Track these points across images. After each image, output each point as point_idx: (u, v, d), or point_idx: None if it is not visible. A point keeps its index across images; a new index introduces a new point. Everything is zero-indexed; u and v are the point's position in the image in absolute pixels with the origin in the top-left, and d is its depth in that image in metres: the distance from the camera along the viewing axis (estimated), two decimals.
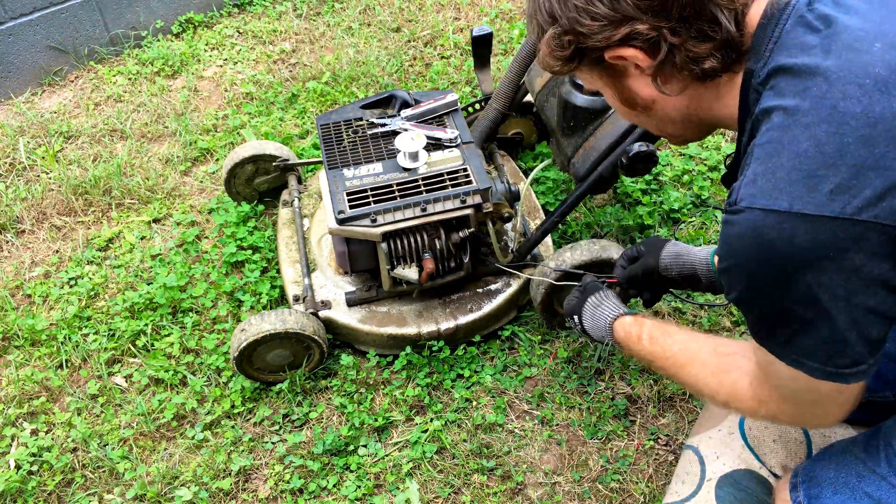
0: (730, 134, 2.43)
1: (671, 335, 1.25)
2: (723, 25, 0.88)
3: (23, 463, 1.67)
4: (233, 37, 2.98)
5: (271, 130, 2.48)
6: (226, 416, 1.76)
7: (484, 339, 1.86)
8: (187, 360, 1.87)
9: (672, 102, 1.00)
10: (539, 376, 1.81)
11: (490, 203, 1.68)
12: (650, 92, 0.99)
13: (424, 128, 1.80)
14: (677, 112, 1.02)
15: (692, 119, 1.04)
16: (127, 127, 2.55)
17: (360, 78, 2.68)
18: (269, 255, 2.09)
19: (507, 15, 3.01)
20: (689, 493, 1.49)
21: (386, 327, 1.78)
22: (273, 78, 2.74)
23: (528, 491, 1.62)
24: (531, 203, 2.05)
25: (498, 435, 1.71)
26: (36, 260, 2.17)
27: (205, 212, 2.27)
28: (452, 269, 1.78)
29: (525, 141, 2.28)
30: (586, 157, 1.67)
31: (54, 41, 2.73)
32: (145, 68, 2.82)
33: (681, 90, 0.96)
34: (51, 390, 1.83)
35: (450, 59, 2.77)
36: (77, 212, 2.29)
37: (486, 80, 2.07)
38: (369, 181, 1.68)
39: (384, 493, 1.62)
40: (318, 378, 1.82)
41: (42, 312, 2.01)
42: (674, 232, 2.11)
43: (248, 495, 1.63)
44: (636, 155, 1.55)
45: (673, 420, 1.72)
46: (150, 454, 1.71)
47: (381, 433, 1.72)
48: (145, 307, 1.98)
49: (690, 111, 1.02)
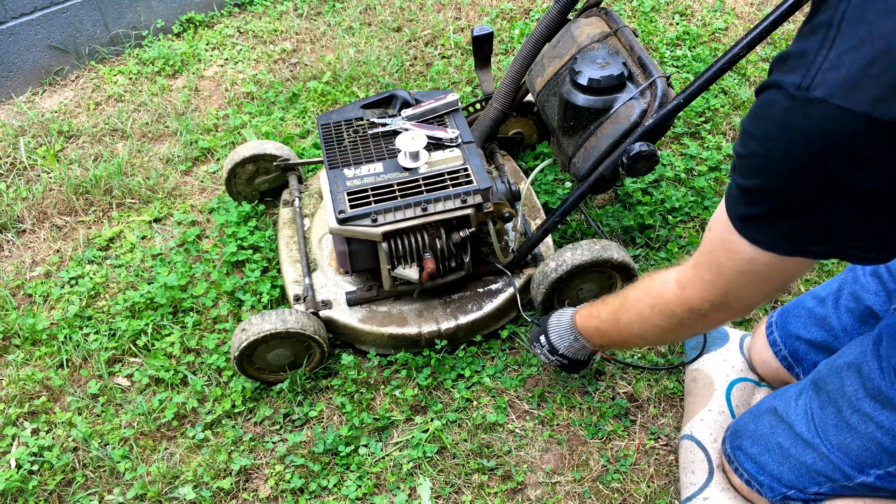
0: (730, 134, 2.43)
1: (616, 295, 1.39)
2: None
3: (23, 462, 1.67)
4: (234, 36, 2.98)
5: (272, 130, 2.48)
6: (226, 415, 1.76)
7: (484, 339, 1.86)
8: (188, 360, 1.87)
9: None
10: (539, 376, 1.81)
11: (491, 203, 1.68)
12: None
13: (425, 127, 1.80)
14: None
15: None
16: (128, 126, 2.55)
17: (360, 77, 2.68)
18: (270, 255, 2.09)
19: (508, 15, 3.01)
20: (705, 480, 1.50)
21: (386, 327, 1.78)
22: (274, 77, 2.74)
23: (529, 491, 1.62)
24: (532, 203, 2.05)
25: (498, 435, 1.71)
26: (37, 259, 2.17)
27: (205, 211, 2.27)
28: (453, 269, 1.78)
29: (526, 141, 2.28)
30: (587, 156, 1.67)
31: (55, 41, 2.73)
32: (146, 68, 2.82)
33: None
34: (51, 390, 1.84)
35: (450, 59, 2.77)
36: (78, 211, 2.29)
37: (486, 79, 2.07)
38: (370, 181, 1.68)
39: (385, 492, 1.62)
40: (319, 378, 1.82)
41: (43, 312, 2.01)
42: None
43: (249, 495, 1.63)
44: (637, 155, 1.55)
45: (673, 420, 1.72)
46: (150, 454, 1.71)
47: (382, 433, 1.72)
48: (146, 307, 1.98)
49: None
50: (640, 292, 1.30)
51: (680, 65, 2.68)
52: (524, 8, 3.04)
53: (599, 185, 1.67)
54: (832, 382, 1.30)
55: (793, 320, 1.60)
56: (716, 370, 1.68)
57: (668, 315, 1.20)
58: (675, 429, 1.70)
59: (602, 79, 1.60)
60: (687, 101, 1.50)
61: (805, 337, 1.56)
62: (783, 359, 1.60)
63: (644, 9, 2.95)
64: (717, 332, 1.76)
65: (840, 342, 1.50)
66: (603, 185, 1.68)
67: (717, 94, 2.55)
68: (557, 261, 1.72)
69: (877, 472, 1.24)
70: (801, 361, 1.58)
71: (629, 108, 1.60)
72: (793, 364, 1.59)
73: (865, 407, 1.22)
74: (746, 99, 2.52)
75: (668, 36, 2.81)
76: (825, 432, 1.29)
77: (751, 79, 2.62)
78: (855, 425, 1.25)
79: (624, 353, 1.83)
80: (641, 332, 1.31)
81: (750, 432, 1.43)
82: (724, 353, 1.71)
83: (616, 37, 1.75)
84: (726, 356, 1.70)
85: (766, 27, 1.36)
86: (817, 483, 1.32)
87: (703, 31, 2.84)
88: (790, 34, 2.81)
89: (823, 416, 1.30)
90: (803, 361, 1.58)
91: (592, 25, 1.79)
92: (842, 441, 1.27)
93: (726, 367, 1.68)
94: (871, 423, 1.22)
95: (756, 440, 1.41)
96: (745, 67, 2.65)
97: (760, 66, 2.67)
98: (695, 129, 2.46)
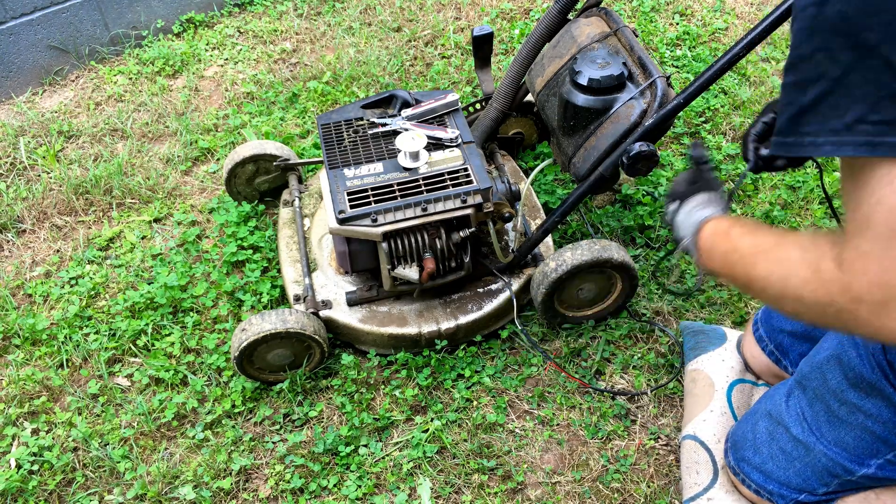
0: (730, 134, 2.43)
1: (769, 232, 1.06)
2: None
3: (23, 462, 1.67)
4: (233, 36, 2.98)
5: (272, 130, 2.48)
6: (226, 415, 1.76)
7: (484, 339, 1.86)
8: (188, 360, 1.87)
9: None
10: (539, 376, 1.81)
11: (491, 203, 1.68)
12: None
13: (425, 127, 1.80)
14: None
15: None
16: (128, 126, 2.55)
17: (360, 78, 2.68)
18: (270, 255, 2.09)
19: (508, 15, 3.01)
20: (709, 481, 1.51)
21: (386, 327, 1.78)
22: (274, 77, 2.74)
23: (529, 491, 1.62)
24: (532, 203, 2.05)
25: (498, 435, 1.71)
26: (37, 259, 2.17)
27: (205, 211, 2.27)
28: (453, 269, 1.78)
29: (526, 141, 2.28)
30: (587, 156, 1.67)
31: (55, 41, 2.73)
32: (146, 68, 2.82)
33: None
34: (51, 390, 1.84)
35: (450, 59, 2.77)
36: (78, 211, 2.29)
37: (486, 79, 2.07)
38: (370, 181, 1.68)
39: (385, 492, 1.62)
40: (319, 378, 1.82)
41: (43, 312, 2.01)
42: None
43: (249, 495, 1.63)
44: (637, 155, 1.55)
45: (673, 420, 1.72)
46: (150, 454, 1.71)
47: (382, 433, 1.72)
48: (146, 307, 1.98)
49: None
50: (796, 250, 0.96)
51: (680, 65, 2.68)
52: (524, 8, 3.04)
53: (599, 185, 1.67)
54: (815, 379, 1.30)
55: (775, 315, 1.62)
56: (715, 371, 1.68)
57: (830, 284, 0.88)
58: (675, 429, 1.70)
59: (602, 79, 1.60)
60: (687, 101, 1.50)
61: (787, 329, 1.58)
62: (770, 353, 1.62)
63: (644, 9, 2.95)
64: (714, 333, 1.77)
65: (821, 329, 1.51)
66: (603, 185, 1.68)
67: (717, 94, 2.55)
68: (557, 261, 1.72)
69: (877, 462, 1.25)
70: (787, 353, 1.60)
71: (629, 108, 1.60)
72: (780, 357, 1.61)
73: (851, 397, 1.23)
74: (746, 99, 2.52)
75: (668, 36, 2.81)
76: (819, 430, 1.30)
77: (751, 79, 2.62)
78: (845, 418, 1.25)
79: (604, 384, 1.83)
80: (777, 299, 1.00)
81: (750, 442, 1.44)
82: (723, 352, 1.71)
83: (616, 37, 1.75)
84: (725, 356, 1.70)
85: (766, 27, 1.36)
86: (824, 483, 1.32)
87: (703, 31, 2.84)
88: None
89: (814, 414, 1.31)
90: (789, 353, 1.60)
91: (592, 25, 1.79)
92: (837, 436, 1.27)
93: (725, 367, 1.68)
94: (859, 414, 1.22)
95: (757, 449, 1.42)
96: (745, 67, 2.65)
97: (760, 66, 2.67)
98: (695, 129, 2.46)
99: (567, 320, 1.87)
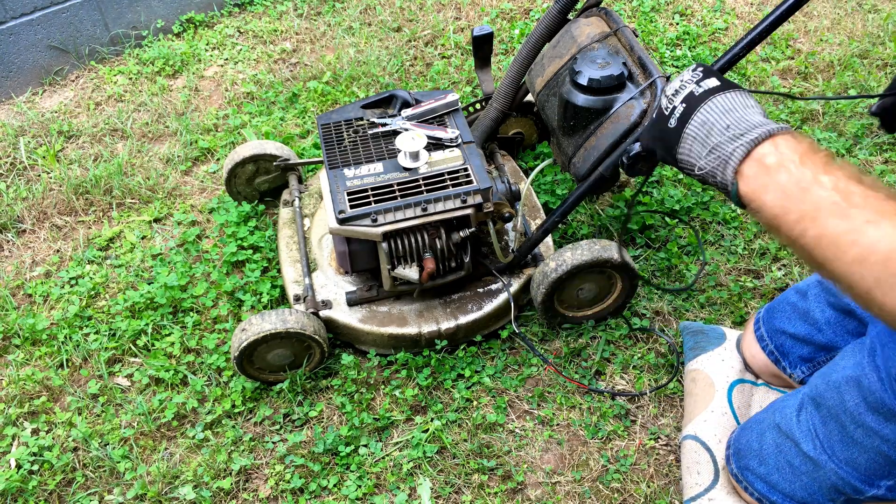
0: None
1: (851, 180, 0.85)
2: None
3: (23, 462, 1.67)
4: (233, 36, 2.98)
5: (272, 130, 2.48)
6: (226, 415, 1.76)
7: (484, 339, 1.86)
8: (188, 360, 1.87)
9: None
10: (539, 376, 1.81)
11: (491, 203, 1.68)
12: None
13: (425, 127, 1.80)
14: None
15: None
16: (128, 126, 2.55)
17: (360, 77, 2.68)
18: (270, 255, 2.09)
19: (508, 15, 3.01)
20: (710, 482, 1.51)
21: (386, 327, 1.78)
22: (274, 77, 2.74)
23: (529, 491, 1.62)
24: (532, 203, 2.05)
25: (498, 435, 1.71)
26: (37, 259, 2.17)
27: (205, 211, 2.27)
28: (453, 269, 1.78)
29: (526, 141, 2.28)
30: (587, 156, 1.67)
31: (55, 41, 2.73)
32: (146, 68, 2.82)
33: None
34: (51, 390, 1.84)
35: (450, 59, 2.77)
36: (78, 211, 2.29)
37: (486, 79, 2.07)
38: (370, 181, 1.68)
39: (385, 492, 1.62)
40: (319, 378, 1.82)
41: (43, 312, 2.01)
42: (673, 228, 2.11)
43: (249, 495, 1.63)
44: (637, 155, 1.55)
45: (673, 420, 1.72)
46: (150, 454, 1.71)
47: (382, 433, 1.72)
48: (146, 307, 1.98)
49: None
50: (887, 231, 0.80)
51: (680, 65, 2.68)
52: (524, 8, 3.04)
53: (599, 185, 1.67)
54: (832, 398, 1.28)
55: (777, 315, 1.62)
56: (715, 371, 1.68)
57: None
58: (675, 429, 1.70)
59: (602, 79, 1.60)
60: None
61: (789, 331, 1.58)
62: (770, 353, 1.62)
63: (644, 9, 2.95)
64: (714, 333, 1.77)
65: (823, 335, 1.52)
66: (603, 185, 1.68)
67: None
68: (557, 261, 1.72)
69: (887, 484, 1.24)
70: (787, 355, 1.60)
71: (629, 108, 1.60)
72: (779, 358, 1.61)
73: (869, 421, 1.20)
74: None
75: (668, 36, 2.81)
76: (831, 448, 1.28)
77: (751, 79, 2.62)
78: (860, 440, 1.23)
79: (604, 384, 1.83)
80: (833, 268, 0.85)
81: (755, 451, 1.42)
82: (722, 352, 1.71)
83: (616, 37, 1.75)
84: (724, 356, 1.70)
85: (766, 27, 1.36)
86: (830, 499, 1.32)
87: (703, 31, 2.84)
88: (790, 34, 2.82)
89: (827, 433, 1.28)
90: (789, 355, 1.60)
91: (592, 25, 1.79)
92: (849, 456, 1.25)
93: (725, 367, 1.68)
94: (876, 437, 1.20)
95: (763, 460, 1.40)
96: (745, 67, 2.65)
97: (760, 67, 2.67)
98: None
99: (567, 320, 1.87)
